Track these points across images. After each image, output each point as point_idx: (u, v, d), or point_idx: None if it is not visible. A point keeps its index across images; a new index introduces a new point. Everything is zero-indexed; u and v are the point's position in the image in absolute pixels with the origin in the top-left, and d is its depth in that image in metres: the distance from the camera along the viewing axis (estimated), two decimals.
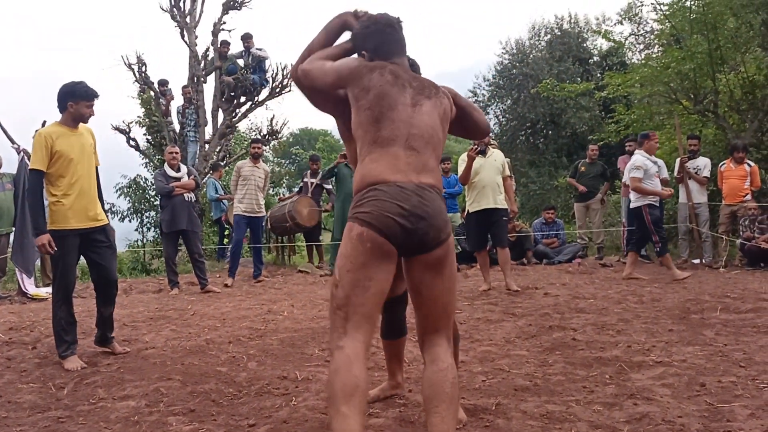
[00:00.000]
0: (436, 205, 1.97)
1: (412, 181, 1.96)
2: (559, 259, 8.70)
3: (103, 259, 3.84)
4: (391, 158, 1.99)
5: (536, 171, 16.73)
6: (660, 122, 11.35)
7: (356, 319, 1.90)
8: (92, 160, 3.86)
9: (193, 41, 11.23)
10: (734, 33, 9.52)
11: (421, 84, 2.15)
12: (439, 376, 1.94)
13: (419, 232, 1.92)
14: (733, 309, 4.56)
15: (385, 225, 1.90)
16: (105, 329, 3.95)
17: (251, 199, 7.48)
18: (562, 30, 18.37)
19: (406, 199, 1.92)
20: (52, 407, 2.87)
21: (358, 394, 1.81)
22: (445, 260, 1.99)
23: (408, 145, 2.02)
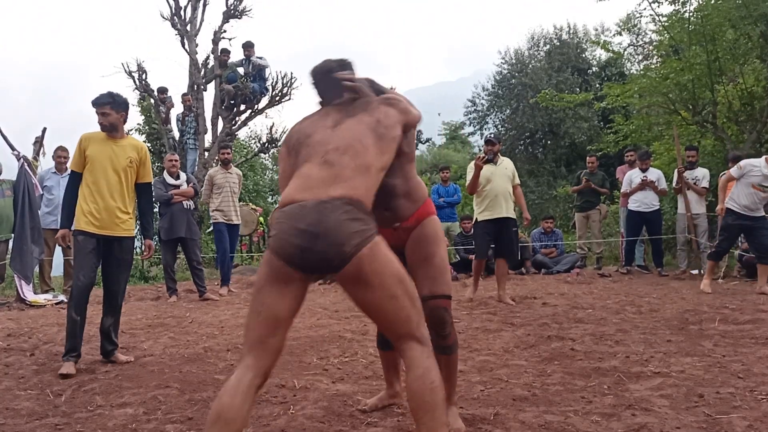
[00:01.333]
0: (334, 219, 1.83)
1: (319, 198, 1.87)
2: (558, 269, 8.70)
3: (110, 270, 3.91)
4: (303, 178, 1.96)
5: (535, 181, 16.78)
6: (659, 133, 11.41)
7: (249, 343, 1.89)
8: (127, 173, 3.90)
9: (193, 49, 11.29)
10: (733, 44, 9.59)
11: (351, 108, 2.17)
12: (417, 384, 1.87)
13: (316, 250, 1.82)
14: (731, 320, 4.56)
15: (281, 247, 1.86)
16: (103, 339, 3.93)
17: (228, 206, 7.29)
18: (561, 40, 18.50)
19: (303, 218, 1.85)
20: (50, 414, 2.86)
21: (220, 424, 1.77)
22: (365, 274, 1.85)
23: (323, 161, 1.97)
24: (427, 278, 2.38)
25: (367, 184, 1.97)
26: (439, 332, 2.40)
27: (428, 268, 2.39)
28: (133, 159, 3.94)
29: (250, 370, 1.85)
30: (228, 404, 1.79)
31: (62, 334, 4.69)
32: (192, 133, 10.97)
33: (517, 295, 6.24)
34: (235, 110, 11.37)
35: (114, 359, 3.89)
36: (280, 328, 1.90)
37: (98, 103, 3.87)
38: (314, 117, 2.18)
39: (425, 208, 2.49)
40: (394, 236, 2.47)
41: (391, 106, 2.19)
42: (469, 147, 25.31)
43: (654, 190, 8.10)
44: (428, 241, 2.43)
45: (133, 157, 3.94)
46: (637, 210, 8.16)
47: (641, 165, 8.27)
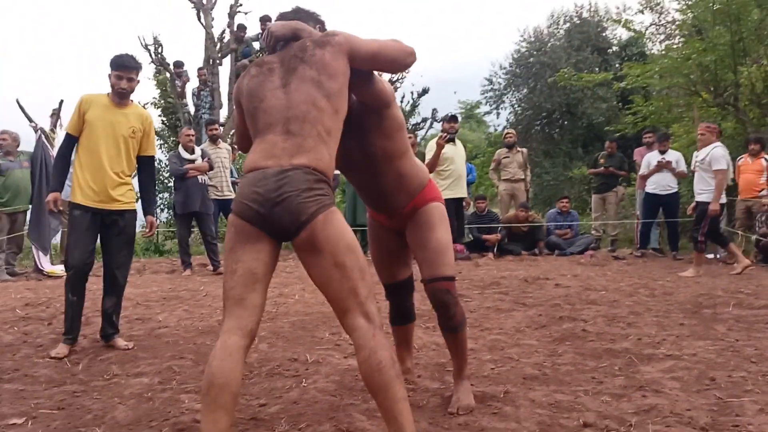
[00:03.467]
0: (295, 188, 1.83)
1: (282, 166, 1.86)
2: (571, 251, 8.66)
3: (111, 247, 3.61)
4: (267, 145, 1.92)
5: (551, 161, 16.63)
6: (678, 115, 11.22)
7: (229, 304, 1.88)
8: (128, 143, 3.59)
9: (209, 23, 11.25)
10: (758, 25, 9.34)
11: (288, 56, 2.03)
12: (365, 367, 1.82)
13: (274, 217, 1.84)
14: (746, 305, 4.53)
15: (241, 210, 1.89)
16: (104, 321, 3.66)
17: (220, 181, 7.31)
18: (582, 18, 18.14)
19: (264, 185, 1.84)
20: (68, 382, 2.92)
21: (214, 390, 1.77)
22: (317, 240, 1.84)
23: (285, 130, 1.93)
24: (425, 262, 2.40)
25: (329, 150, 1.96)
26: (444, 314, 2.43)
27: (425, 252, 2.40)
28: (137, 129, 3.62)
29: (233, 332, 1.85)
30: (218, 368, 1.79)
31: None
32: (207, 107, 10.97)
33: (530, 276, 6.23)
34: None
35: (112, 344, 3.60)
36: (258, 284, 1.89)
37: (126, 66, 3.54)
38: (260, 74, 2.03)
39: (422, 196, 2.43)
40: (392, 221, 2.49)
41: (326, 45, 2.01)
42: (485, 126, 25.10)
43: (672, 172, 8.00)
44: (424, 226, 2.41)
45: (136, 126, 3.62)
46: (653, 192, 8.07)
47: (660, 147, 8.15)
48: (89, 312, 4.52)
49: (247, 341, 1.87)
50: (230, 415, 1.81)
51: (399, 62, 2.13)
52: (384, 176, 2.32)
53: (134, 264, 7.95)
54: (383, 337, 1.87)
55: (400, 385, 1.83)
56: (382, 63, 2.12)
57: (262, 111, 1.98)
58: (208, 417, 1.77)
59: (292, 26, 2.12)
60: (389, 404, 1.81)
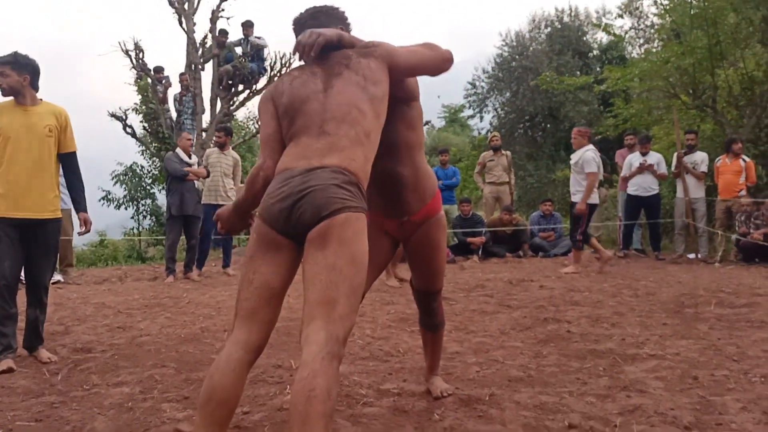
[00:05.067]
0: (319, 184, 1.75)
1: (312, 165, 1.80)
2: (555, 252, 8.72)
3: (31, 258, 3.41)
4: (299, 148, 1.87)
5: (534, 164, 16.73)
6: (658, 117, 11.37)
7: (241, 314, 1.81)
8: (46, 144, 3.40)
9: (191, 28, 11.17)
10: (734, 29, 9.51)
11: (331, 63, 2.01)
12: (296, 386, 1.57)
13: (297, 211, 1.75)
14: (727, 304, 4.58)
15: (266, 210, 1.81)
16: (28, 331, 3.49)
17: (216, 187, 7.27)
18: (563, 23, 18.32)
19: (289, 183, 1.79)
20: (46, 392, 2.86)
21: (212, 404, 1.72)
22: (328, 235, 1.72)
23: (320, 131, 1.88)
24: (423, 278, 2.53)
25: (366, 153, 1.90)
26: (428, 315, 2.61)
27: (426, 271, 2.51)
28: (53, 126, 3.42)
29: (240, 346, 1.78)
30: (219, 383, 1.73)
31: (58, 314, 4.73)
32: (189, 113, 10.89)
33: (515, 278, 6.25)
34: (233, 90, 11.28)
35: (35, 355, 3.45)
36: (273, 299, 1.82)
37: None
38: (302, 76, 2.01)
39: (434, 203, 2.40)
40: (399, 229, 2.42)
41: (369, 56, 2.01)
42: (469, 130, 25.20)
43: (653, 174, 8.09)
44: (433, 246, 2.44)
45: (51, 124, 3.41)
46: (635, 194, 8.15)
47: (641, 149, 8.24)
48: (68, 321, 4.46)
49: (252, 357, 1.80)
50: (224, 430, 1.77)
51: (436, 71, 2.14)
52: (404, 166, 2.27)
53: (115, 271, 7.88)
54: (333, 367, 1.61)
55: (321, 426, 1.54)
56: (420, 74, 2.16)
57: (302, 113, 1.94)
58: (203, 430, 1.74)
59: (337, 32, 2.07)
60: None
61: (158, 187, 12.16)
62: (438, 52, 2.11)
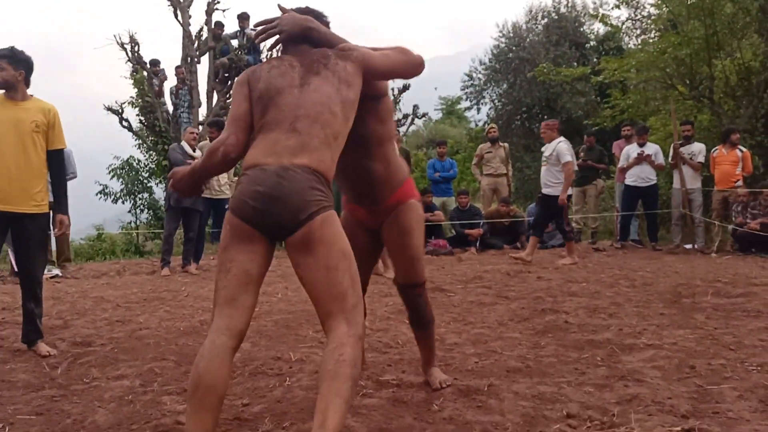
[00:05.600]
0: (296, 186, 1.83)
1: (282, 163, 1.86)
2: (552, 243, 8.73)
3: (23, 252, 3.46)
4: (269, 143, 1.92)
5: (531, 156, 16.72)
6: (655, 108, 11.36)
7: (221, 302, 1.88)
8: (33, 139, 3.39)
9: (186, 21, 11.10)
10: (731, 19, 9.50)
11: (310, 60, 2.06)
12: (326, 354, 1.78)
13: (272, 213, 1.83)
14: (723, 293, 4.60)
15: (239, 208, 1.87)
16: (26, 323, 3.50)
17: (211, 181, 7.20)
18: (559, 14, 18.28)
19: (263, 181, 1.84)
20: (46, 386, 2.87)
21: (201, 392, 1.77)
22: (311, 238, 1.84)
23: (291, 128, 1.93)
24: (401, 268, 2.54)
25: (333, 155, 1.97)
26: (416, 313, 2.61)
27: (402, 258, 2.52)
28: (40, 123, 3.42)
29: (222, 332, 1.83)
30: (205, 370, 1.78)
31: (57, 308, 4.73)
32: (186, 106, 10.85)
33: (512, 269, 6.27)
34: (229, 83, 11.23)
35: (35, 349, 3.46)
36: (251, 285, 1.89)
37: None
38: (281, 66, 2.05)
39: (404, 190, 2.47)
40: (370, 218, 2.51)
41: (347, 59, 2.07)
42: (466, 122, 25.16)
43: (651, 164, 8.10)
44: (402, 231, 2.47)
45: (39, 120, 3.41)
46: (633, 185, 8.17)
47: (638, 140, 8.25)
48: (67, 315, 4.46)
49: (235, 342, 1.85)
50: (216, 416, 1.80)
51: (408, 76, 2.28)
52: (373, 160, 2.36)
53: (113, 265, 7.87)
54: (358, 344, 1.81)
55: (348, 386, 1.73)
56: (393, 78, 2.29)
57: (275, 105, 1.97)
58: (194, 417, 1.78)
59: (302, 23, 2.13)
60: (328, 394, 1.71)
61: (155, 181, 12.11)
62: (410, 57, 2.21)
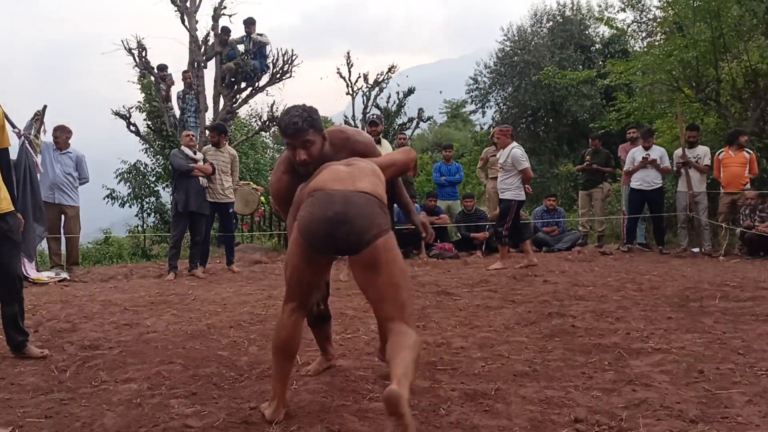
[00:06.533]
0: (361, 210, 2.15)
1: (348, 188, 2.20)
2: (559, 247, 8.71)
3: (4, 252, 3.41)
4: (331, 171, 2.31)
5: (537, 159, 16.68)
6: (661, 111, 11.31)
7: (294, 293, 2.34)
8: None
9: (193, 26, 11.16)
10: (738, 21, 9.46)
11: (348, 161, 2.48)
12: (400, 338, 2.09)
13: (340, 235, 2.13)
14: (732, 297, 4.58)
15: (309, 232, 2.17)
16: (9, 330, 3.45)
17: (215, 185, 7.23)
18: (565, 17, 18.26)
19: (332, 206, 2.14)
20: (55, 389, 2.89)
21: (285, 349, 2.37)
22: (378, 259, 2.14)
23: (347, 163, 2.39)
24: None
25: (382, 187, 2.34)
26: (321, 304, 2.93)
27: None
28: None
29: (295, 311, 2.34)
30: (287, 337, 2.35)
31: (65, 311, 4.76)
32: (193, 111, 10.89)
33: (518, 273, 6.26)
34: (235, 88, 11.28)
35: (26, 352, 3.43)
36: (315, 286, 2.41)
37: None
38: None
39: None
40: None
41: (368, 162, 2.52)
42: (471, 125, 25.15)
43: (656, 168, 8.07)
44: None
45: None
46: (639, 188, 8.14)
47: (644, 143, 8.23)
48: (75, 318, 4.48)
49: (302, 311, 2.38)
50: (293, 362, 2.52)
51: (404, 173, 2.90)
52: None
53: (121, 269, 7.90)
54: (415, 338, 2.13)
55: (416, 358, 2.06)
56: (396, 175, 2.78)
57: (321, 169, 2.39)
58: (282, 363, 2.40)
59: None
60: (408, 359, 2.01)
61: (162, 185, 12.16)
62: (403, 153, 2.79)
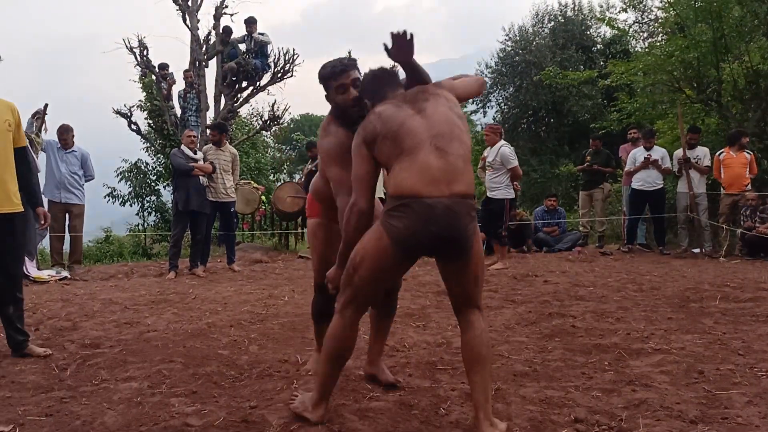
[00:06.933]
0: (462, 224, 2.09)
1: (444, 194, 2.05)
2: (559, 247, 8.72)
3: (5, 253, 3.38)
4: (421, 167, 2.07)
5: (538, 159, 16.70)
6: (663, 111, 11.32)
7: (363, 301, 2.24)
8: (5, 139, 3.36)
9: (194, 25, 11.17)
10: (739, 22, 9.45)
11: (411, 96, 2.26)
12: (476, 341, 2.19)
13: (443, 249, 2.15)
14: (732, 298, 4.58)
15: (410, 246, 2.10)
16: (9, 330, 3.45)
17: (216, 184, 7.23)
18: (566, 17, 18.25)
19: (436, 221, 2.04)
20: (56, 388, 2.89)
21: (341, 358, 2.30)
22: (469, 261, 2.17)
23: (435, 147, 2.10)
24: None
25: (472, 174, 2.20)
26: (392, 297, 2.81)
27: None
28: (11, 122, 3.39)
29: (356, 317, 2.26)
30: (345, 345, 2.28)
31: (66, 309, 4.76)
32: (194, 110, 10.90)
33: (519, 273, 6.26)
34: (237, 87, 11.28)
35: (28, 352, 3.43)
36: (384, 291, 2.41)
37: None
38: (387, 109, 2.21)
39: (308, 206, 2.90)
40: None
41: (441, 87, 2.33)
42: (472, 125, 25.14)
43: (657, 168, 8.07)
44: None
45: (9, 119, 3.39)
46: (640, 188, 8.14)
47: (645, 143, 8.23)
48: (76, 317, 4.49)
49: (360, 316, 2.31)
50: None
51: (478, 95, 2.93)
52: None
53: (121, 268, 7.90)
54: (487, 324, 2.27)
55: (490, 370, 2.22)
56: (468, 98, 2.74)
57: (406, 132, 2.13)
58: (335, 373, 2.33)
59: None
60: (487, 374, 2.18)
61: (163, 184, 12.17)
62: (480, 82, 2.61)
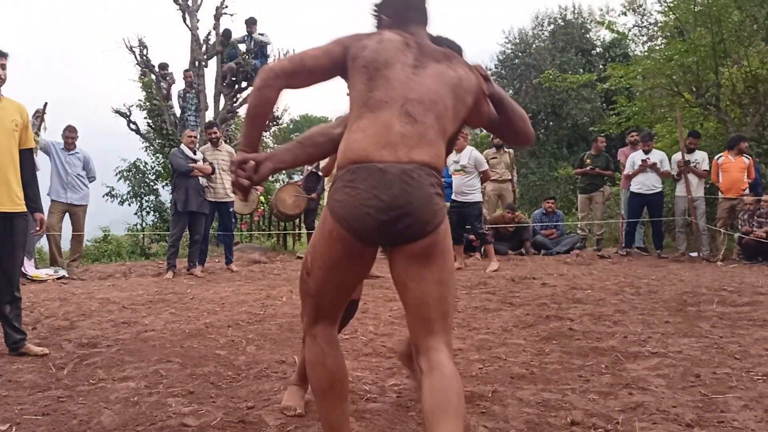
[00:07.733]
0: (423, 194, 1.65)
1: (401, 160, 1.65)
2: (557, 250, 8.72)
3: (5, 252, 3.40)
4: (380, 127, 1.68)
5: (536, 162, 16.72)
6: (661, 115, 11.35)
7: (328, 307, 1.84)
8: (14, 138, 3.38)
9: (194, 25, 11.18)
10: (738, 26, 9.49)
11: (431, 49, 1.85)
12: (444, 384, 1.60)
13: (399, 225, 1.64)
14: (729, 302, 4.59)
15: (357, 221, 1.65)
16: (6, 328, 3.46)
17: (216, 184, 7.23)
18: (566, 20, 18.29)
19: (387, 189, 1.62)
20: (52, 387, 2.89)
21: (336, 385, 1.80)
22: (434, 249, 1.68)
23: (404, 111, 1.70)
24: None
25: (444, 151, 1.79)
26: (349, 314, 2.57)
27: None
28: (19, 122, 3.42)
29: (331, 326, 1.86)
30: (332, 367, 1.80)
31: (64, 309, 4.76)
32: (193, 109, 10.92)
33: (517, 276, 6.26)
34: (236, 87, 11.30)
35: (25, 351, 3.44)
36: (351, 291, 1.86)
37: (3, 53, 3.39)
38: (393, 40, 1.82)
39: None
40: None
41: (472, 71, 1.91)
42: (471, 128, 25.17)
43: (656, 172, 8.08)
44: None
45: (18, 120, 3.42)
46: (638, 192, 8.15)
47: (644, 147, 8.24)
48: (74, 316, 4.48)
49: (337, 330, 1.94)
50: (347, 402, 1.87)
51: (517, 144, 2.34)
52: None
53: (119, 267, 7.89)
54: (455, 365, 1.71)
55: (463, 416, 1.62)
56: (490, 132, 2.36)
57: (384, 78, 1.74)
58: (339, 409, 1.82)
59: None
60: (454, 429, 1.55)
61: (161, 184, 12.17)
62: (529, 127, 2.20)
